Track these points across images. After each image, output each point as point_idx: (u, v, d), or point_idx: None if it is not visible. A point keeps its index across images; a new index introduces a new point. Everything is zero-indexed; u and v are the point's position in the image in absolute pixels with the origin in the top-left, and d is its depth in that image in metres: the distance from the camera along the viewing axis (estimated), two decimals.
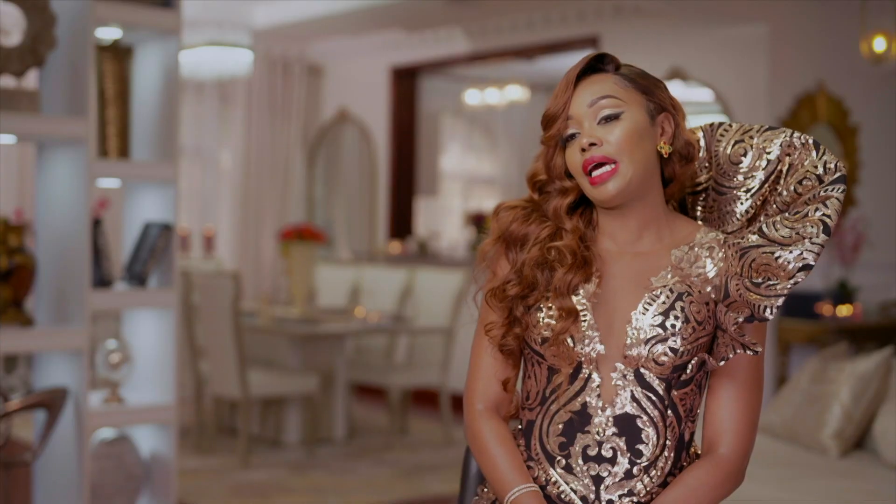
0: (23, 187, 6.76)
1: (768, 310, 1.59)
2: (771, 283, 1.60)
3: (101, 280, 3.43)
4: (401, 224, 8.37)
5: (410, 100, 8.38)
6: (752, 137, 1.76)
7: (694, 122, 1.86)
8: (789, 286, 1.59)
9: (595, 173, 1.67)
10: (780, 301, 1.58)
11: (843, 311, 5.88)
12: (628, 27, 6.59)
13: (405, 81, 8.31)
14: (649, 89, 1.72)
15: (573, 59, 1.78)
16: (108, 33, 3.51)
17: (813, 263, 1.59)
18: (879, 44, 5.27)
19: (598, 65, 1.73)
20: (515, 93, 8.52)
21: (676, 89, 6.23)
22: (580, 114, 1.70)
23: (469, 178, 10.70)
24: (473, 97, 9.02)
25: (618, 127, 1.67)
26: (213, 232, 7.89)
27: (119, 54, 3.46)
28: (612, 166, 1.67)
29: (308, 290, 6.67)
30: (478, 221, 8.41)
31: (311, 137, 8.66)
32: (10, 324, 3.21)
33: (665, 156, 1.72)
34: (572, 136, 1.71)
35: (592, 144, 1.67)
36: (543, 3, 6.72)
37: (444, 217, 10.31)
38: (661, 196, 1.75)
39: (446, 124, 10.39)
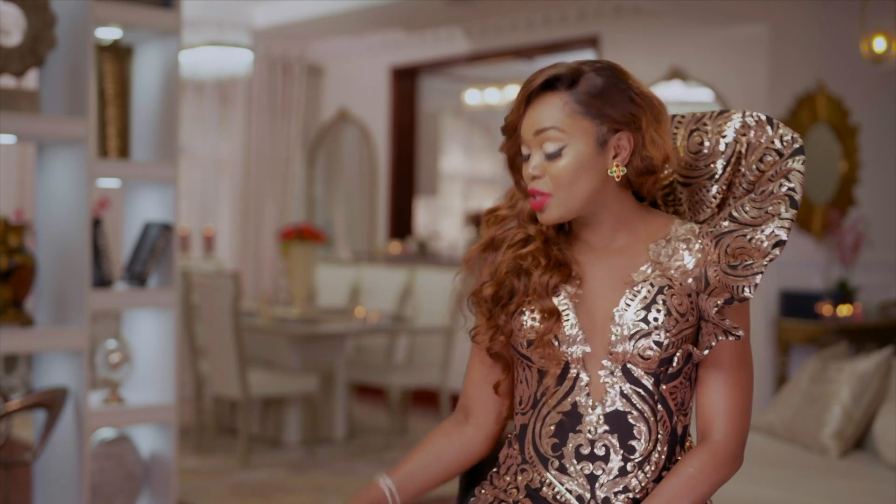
0: (23, 187, 6.76)
1: (747, 289, 1.60)
2: (747, 263, 1.61)
3: (101, 280, 3.43)
4: (401, 224, 8.37)
5: (410, 100, 8.38)
6: (705, 125, 1.77)
7: None
8: (765, 263, 1.61)
9: (536, 198, 1.70)
10: (758, 279, 1.60)
11: (843, 311, 5.89)
12: (628, 27, 6.59)
13: (405, 81, 8.31)
14: (603, 112, 1.67)
15: (573, 59, 1.77)
16: (108, 33, 3.51)
17: (786, 238, 1.61)
18: (879, 44, 5.26)
19: (554, 82, 1.69)
20: (515, 93, 8.51)
21: (676, 89, 6.24)
22: (528, 139, 1.71)
23: (469, 178, 10.70)
24: (473, 97, 9.02)
25: (558, 163, 1.67)
26: (213, 232, 7.89)
27: (119, 54, 3.45)
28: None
29: (308, 290, 6.67)
30: (478, 221, 8.41)
31: (311, 137, 8.66)
32: (10, 324, 3.21)
33: (617, 179, 1.70)
34: (523, 153, 1.73)
35: (535, 178, 1.69)
36: (543, 3, 6.72)
37: (444, 217, 10.32)
38: (628, 197, 1.74)
39: (446, 124, 10.39)
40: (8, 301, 3.21)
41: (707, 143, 1.75)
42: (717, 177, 1.74)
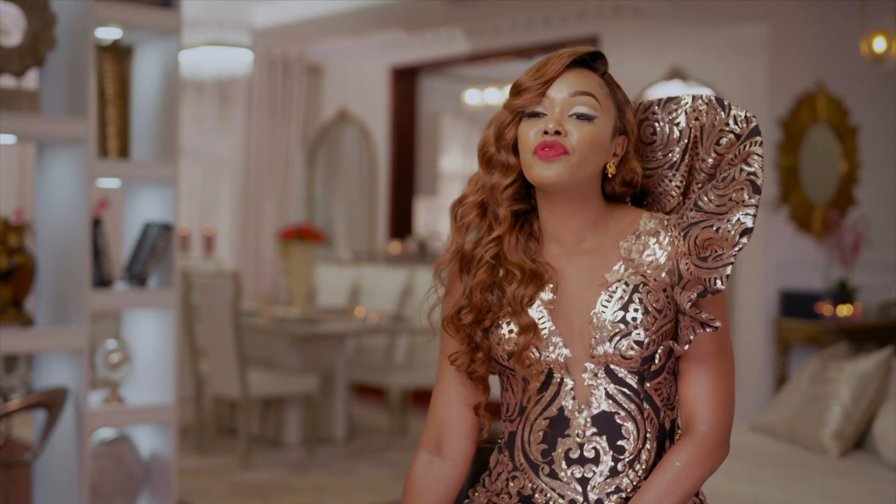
0: (23, 187, 6.76)
1: (718, 281, 1.59)
2: (717, 254, 1.61)
3: (101, 280, 3.43)
4: (401, 224, 8.37)
5: (410, 100, 8.38)
6: (654, 113, 1.75)
7: None
8: (735, 253, 1.60)
9: (551, 149, 1.64)
10: (729, 269, 1.59)
11: (843, 311, 5.89)
12: (628, 27, 6.59)
13: (405, 81, 8.31)
14: (622, 107, 1.70)
15: None
16: (108, 33, 3.51)
17: (752, 226, 1.59)
18: (879, 44, 5.26)
19: (590, 61, 1.71)
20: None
21: (676, 89, 6.23)
22: (556, 98, 1.66)
23: (469, 177, 10.70)
24: (473, 97, 9.02)
25: (587, 128, 1.65)
26: (213, 232, 7.89)
27: (119, 54, 3.46)
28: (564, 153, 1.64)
29: (308, 290, 6.67)
30: None
31: (311, 137, 8.66)
32: (10, 324, 3.21)
33: (610, 176, 1.71)
34: (536, 114, 1.67)
35: (557, 133, 1.64)
36: (543, 3, 6.72)
37: (444, 217, 10.32)
38: (600, 198, 1.73)
39: (446, 124, 10.39)
40: (8, 301, 3.21)
41: (659, 132, 1.74)
42: (676, 165, 1.73)
